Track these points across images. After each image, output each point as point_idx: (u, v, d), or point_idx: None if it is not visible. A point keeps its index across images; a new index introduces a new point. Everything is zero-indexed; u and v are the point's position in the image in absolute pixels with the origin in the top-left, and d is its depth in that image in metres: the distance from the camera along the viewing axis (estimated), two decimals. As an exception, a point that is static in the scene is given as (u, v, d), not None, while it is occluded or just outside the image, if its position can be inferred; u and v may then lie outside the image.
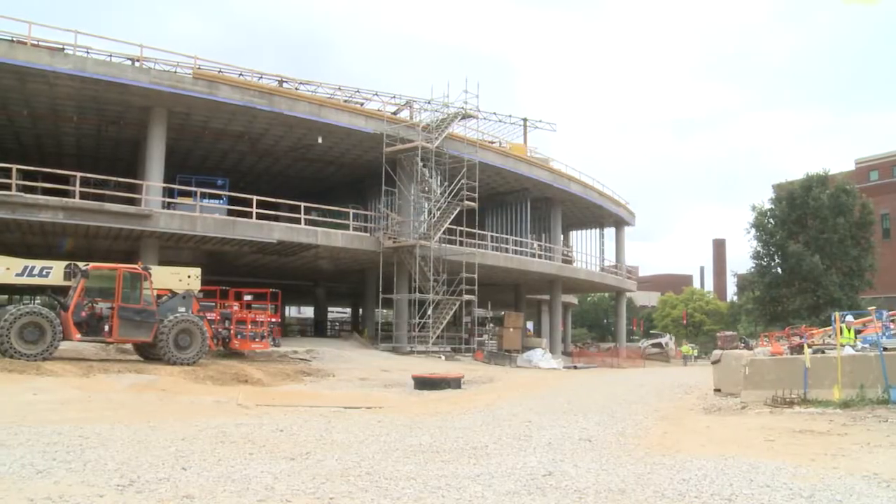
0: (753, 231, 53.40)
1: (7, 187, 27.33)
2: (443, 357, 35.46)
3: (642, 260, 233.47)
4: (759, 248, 53.38)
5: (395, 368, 26.89)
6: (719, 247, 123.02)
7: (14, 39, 28.28)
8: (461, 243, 38.84)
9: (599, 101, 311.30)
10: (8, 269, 22.83)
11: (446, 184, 37.67)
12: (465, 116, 38.16)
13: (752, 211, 53.73)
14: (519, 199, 47.24)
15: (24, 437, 9.70)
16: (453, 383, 21.18)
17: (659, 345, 53.71)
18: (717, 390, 18.51)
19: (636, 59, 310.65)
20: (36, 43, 28.71)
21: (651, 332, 58.73)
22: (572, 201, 50.69)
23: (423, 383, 20.94)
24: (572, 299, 69.69)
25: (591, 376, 30.88)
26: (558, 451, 9.66)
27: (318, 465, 8.37)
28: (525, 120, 51.45)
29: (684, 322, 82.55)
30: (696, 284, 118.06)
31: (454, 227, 38.03)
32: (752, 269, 55.15)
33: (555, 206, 50.10)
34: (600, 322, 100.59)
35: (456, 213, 36.92)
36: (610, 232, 60.31)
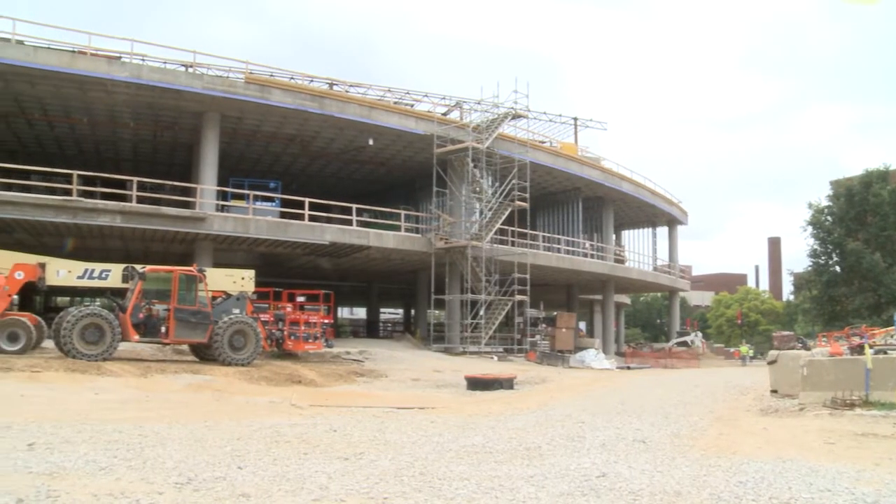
0: (810, 229, 52.20)
1: (68, 192, 27.99)
2: (495, 358, 35.40)
3: (695, 259, 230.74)
4: (816, 247, 52.21)
5: (448, 369, 26.91)
6: (774, 245, 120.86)
7: (75, 50, 29.02)
8: (513, 243, 38.74)
9: (648, 98, 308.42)
10: (69, 271, 23.41)
11: (497, 184, 37.61)
12: (515, 116, 38.08)
13: (808, 208, 52.59)
14: (570, 199, 46.99)
15: (87, 434, 9.90)
16: (506, 384, 21.13)
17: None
18: (774, 391, 18.15)
19: (685, 54, 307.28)
20: (95, 52, 29.38)
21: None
22: (624, 200, 50.30)
23: (476, 384, 20.91)
24: (625, 299, 69.09)
25: (645, 377, 30.58)
26: (612, 453, 9.56)
27: (372, 465, 8.39)
28: (575, 119, 51.22)
29: (739, 322, 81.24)
30: (751, 283, 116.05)
31: (506, 227, 37.96)
32: (810, 268, 54.03)
33: (606, 206, 49.75)
34: (653, 322, 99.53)
35: (507, 213, 36.83)
36: (662, 231, 59.79)
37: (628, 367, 39.31)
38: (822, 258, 52.33)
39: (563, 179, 44.39)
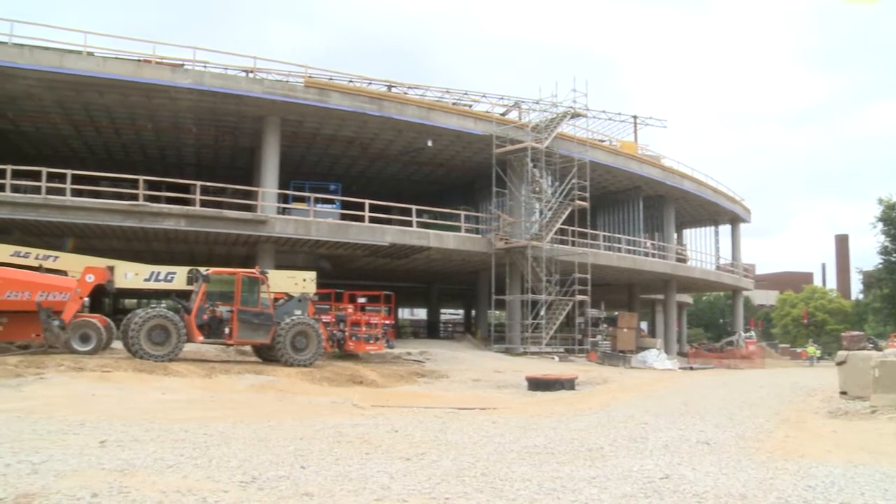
0: (881, 225, 50.64)
1: (135, 197, 28.66)
2: (556, 358, 35.23)
3: (759, 258, 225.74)
4: (887, 244, 50.66)
5: (509, 369, 26.84)
6: (842, 243, 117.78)
7: (141, 59, 29.69)
8: (573, 243, 38.51)
9: (708, 94, 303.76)
10: (137, 274, 24.04)
11: (557, 184, 37.44)
12: (574, 115, 37.86)
13: (878, 204, 51.09)
14: (631, 198, 46.55)
15: (155, 433, 10.12)
16: (567, 384, 20.99)
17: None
18: (843, 393, 17.67)
19: (743, 49, 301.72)
20: (160, 61, 30.05)
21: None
22: (685, 199, 49.62)
23: (537, 384, 20.82)
24: (687, 299, 68.19)
25: (708, 377, 30.11)
26: (675, 454, 9.44)
27: (434, 465, 8.41)
28: (635, 117, 50.75)
29: (805, 321, 79.55)
30: (818, 282, 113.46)
31: (566, 227, 37.76)
32: (880, 266, 52.59)
33: (667, 204, 49.16)
34: (716, 322, 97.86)
35: (567, 213, 36.64)
36: (725, 229, 58.72)
37: (691, 368, 38.80)
38: (894, 255, 50.88)
39: (623, 178, 44.00)
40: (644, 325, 62.45)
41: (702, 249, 57.52)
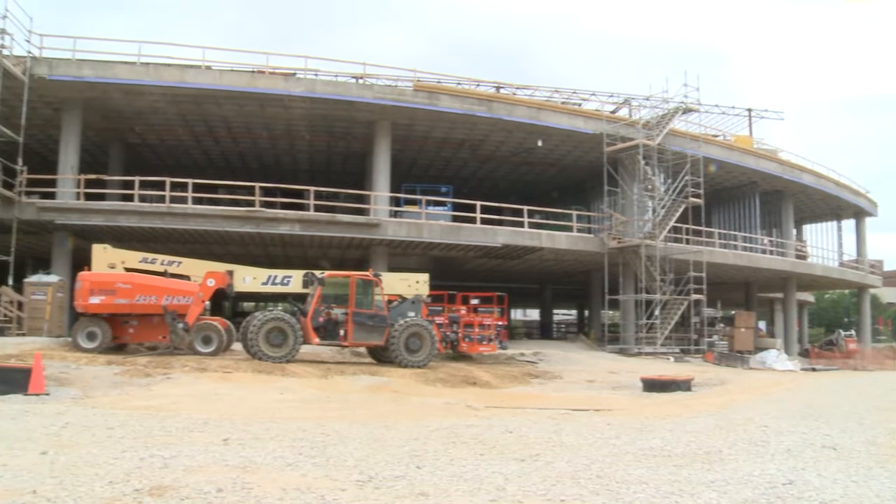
0: None
1: (251, 204, 29.56)
2: (671, 358, 34.56)
3: (888, 253, 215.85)
4: None
5: (623, 370, 26.49)
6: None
7: (255, 70, 30.69)
8: (687, 241, 37.70)
9: (827, 82, 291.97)
10: (255, 278, 24.84)
11: (669, 181, 36.75)
12: (686, 111, 37.08)
13: None
14: (746, 194, 45.22)
15: (274, 432, 10.39)
16: (683, 385, 20.57)
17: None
18: None
19: (865, 31, 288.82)
20: (273, 71, 30.93)
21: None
22: (805, 193, 47.83)
23: (652, 385, 20.49)
24: (808, 297, 65.79)
25: (832, 379, 28.99)
26: (799, 459, 9.08)
27: (548, 466, 8.37)
28: (749, 110, 49.28)
29: (939, 320, 75.79)
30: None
31: (679, 224, 37.01)
32: None
33: (785, 199, 47.49)
34: (840, 321, 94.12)
35: (681, 210, 35.92)
36: (849, 224, 56.38)
37: (813, 369, 37.39)
38: None
39: (739, 174, 42.79)
40: (762, 325, 60.54)
41: (823, 245, 55.45)
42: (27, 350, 19.69)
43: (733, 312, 46.88)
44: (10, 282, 27.37)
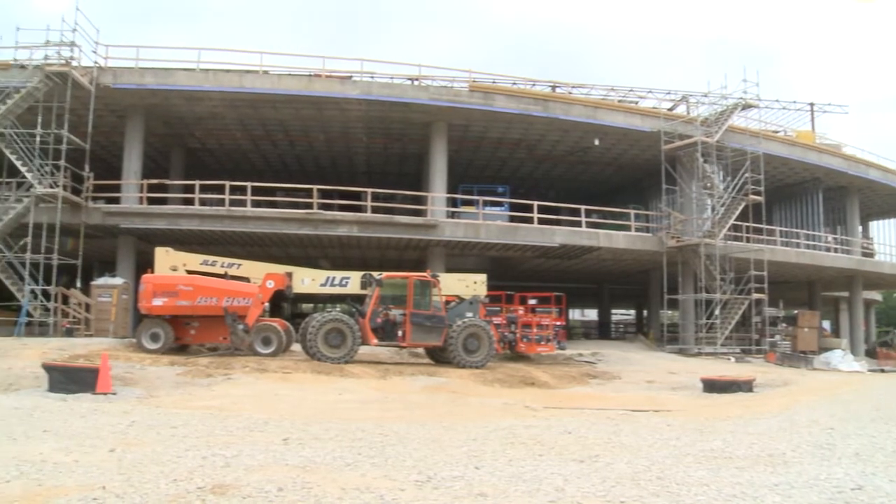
0: None
1: (309, 206, 29.89)
2: (732, 359, 34.01)
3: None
4: None
5: (682, 371, 26.14)
6: None
7: (311, 74, 31.08)
8: (748, 240, 37.08)
9: (891, 78, 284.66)
10: (313, 280, 25.14)
11: (729, 178, 36.15)
12: (746, 107, 36.42)
13: None
14: (809, 190, 44.27)
15: (333, 432, 10.48)
16: (744, 386, 20.22)
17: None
18: None
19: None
20: (329, 74, 31.27)
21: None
22: (871, 188, 46.65)
23: (712, 386, 20.18)
24: (875, 296, 64.21)
25: (901, 380, 28.28)
26: (868, 463, 8.79)
27: (608, 468, 8.31)
28: (811, 105, 48.17)
29: None
30: None
31: (739, 223, 36.43)
32: None
33: (851, 196, 46.35)
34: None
35: (741, 208, 35.34)
36: (918, 221, 54.89)
37: (881, 370, 36.50)
38: None
39: (801, 170, 41.93)
40: (826, 325, 59.25)
41: (892, 243, 54.09)
42: (94, 350, 20.16)
43: (796, 312, 45.90)
44: (78, 284, 28.11)
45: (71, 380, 14.68)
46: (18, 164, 27.22)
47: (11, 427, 10.22)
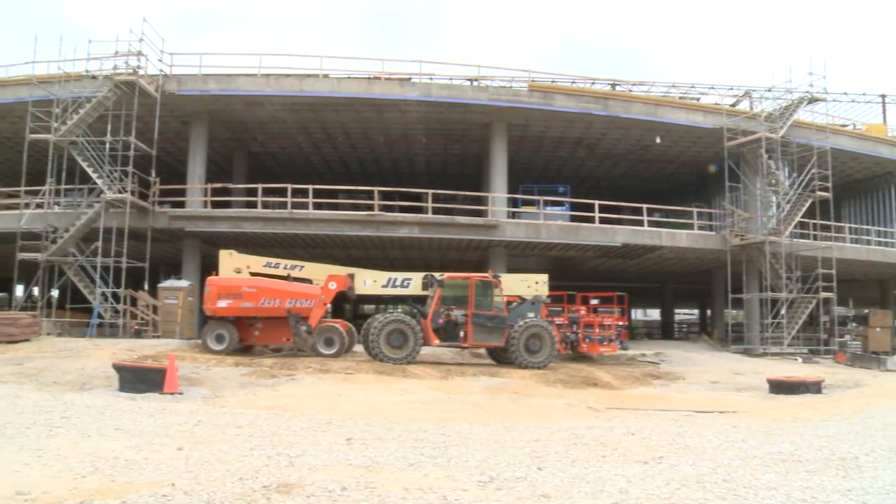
0: None
1: (371, 208, 30.12)
2: (799, 359, 33.28)
3: None
4: None
5: (748, 371, 25.69)
6: None
7: (371, 77, 31.32)
8: (815, 237, 36.25)
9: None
10: (375, 281, 25.29)
11: (795, 175, 35.40)
12: (812, 101, 35.53)
13: None
14: (881, 185, 43.09)
15: (396, 432, 10.55)
16: (812, 387, 19.79)
17: None
18: None
19: None
20: (388, 77, 31.48)
21: None
22: (950, 182, 45.30)
23: (779, 387, 19.79)
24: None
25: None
26: (947, 468, 8.56)
27: (672, 469, 8.21)
28: (883, 96, 46.91)
29: None
30: None
31: (806, 220, 35.64)
32: None
33: (927, 190, 45.08)
34: None
35: (807, 205, 34.59)
36: None
37: (960, 371, 35.37)
38: None
39: (871, 164, 40.85)
40: (900, 324, 57.66)
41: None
42: (162, 351, 20.63)
43: (867, 311, 44.78)
44: (146, 287, 28.76)
45: (140, 379, 15.09)
46: (90, 170, 28.02)
47: (86, 425, 10.55)
